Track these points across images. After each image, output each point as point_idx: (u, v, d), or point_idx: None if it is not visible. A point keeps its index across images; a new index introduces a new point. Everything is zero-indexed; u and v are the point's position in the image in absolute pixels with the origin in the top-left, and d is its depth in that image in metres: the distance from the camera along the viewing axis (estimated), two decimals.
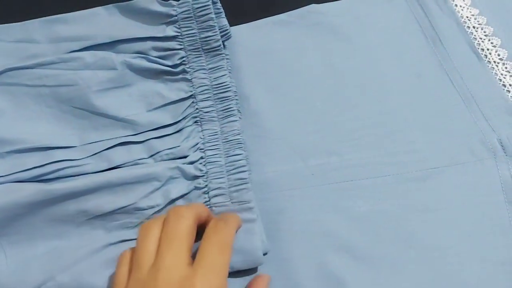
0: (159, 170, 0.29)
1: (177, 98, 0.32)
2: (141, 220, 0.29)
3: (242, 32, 0.38)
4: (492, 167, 0.33)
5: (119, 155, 0.30)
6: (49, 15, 0.34)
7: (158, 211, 0.29)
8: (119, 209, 0.29)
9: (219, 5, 0.34)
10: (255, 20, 0.38)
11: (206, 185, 0.30)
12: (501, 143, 0.34)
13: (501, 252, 0.30)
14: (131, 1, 0.33)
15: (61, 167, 0.29)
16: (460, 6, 0.39)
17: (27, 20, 0.34)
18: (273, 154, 0.33)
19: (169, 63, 0.32)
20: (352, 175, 0.33)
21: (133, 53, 0.32)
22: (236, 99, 0.33)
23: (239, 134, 0.32)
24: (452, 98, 0.36)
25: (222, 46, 0.33)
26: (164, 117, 0.32)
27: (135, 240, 0.27)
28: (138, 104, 0.32)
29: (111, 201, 0.29)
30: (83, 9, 0.34)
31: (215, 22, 0.33)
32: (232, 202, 0.30)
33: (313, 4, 0.39)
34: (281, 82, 0.36)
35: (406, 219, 0.31)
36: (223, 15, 0.34)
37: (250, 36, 0.38)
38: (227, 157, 0.31)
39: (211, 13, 0.33)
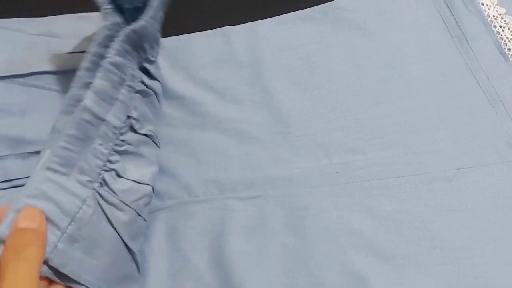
0: None
1: None
2: None
3: (266, 27, 0.37)
4: None
5: None
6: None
7: None
8: None
9: None
10: (278, 15, 0.38)
11: None
12: None
13: None
14: None
15: None
16: (487, 5, 0.39)
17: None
18: (297, 150, 0.33)
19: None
20: (377, 174, 0.32)
21: None
22: None
23: None
24: (477, 98, 0.35)
25: None
26: None
27: None
28: None
29: None
30: None
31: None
32: None
33: (337, 0, 0.38)
34: (305, 78, 0.35)
35: (431, 219, 0.31)
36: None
37: (274, 31, 0.37)
38: None
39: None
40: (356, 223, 0.31)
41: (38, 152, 0.28)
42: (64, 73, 0.31)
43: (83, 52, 0.31)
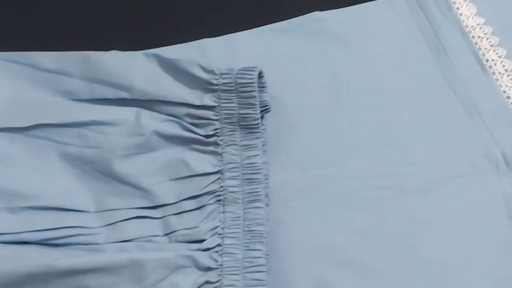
0: (170, 256, 0.27)
1: (203, 172, 0.30)
2: None
3: (242, 39, 0.37)
4: (494, 180, 0.32)
5: (134, 229, 0.29)
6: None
7: None
8: None
9: (264, 79, 0.32)
10: (257, 27, 0.38)
11: (219, 280, 0.28)
12: (504, 156, 0.33)
13: (501, 267, 0.30)
14: (172, 58, 0.31)
15: (72, 233, 0.28)
16: (465, 15, 0.39)
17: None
18: (272, 165, 0.33)
19: (202, 132, 0.31)
20: (352, 187, 0.32)
21: (167, 114, 0.31)
22: (266, 183, 0.31)
23: (262, 224, 0.29)
24: (455, 109, 0.35)
25: (260, 124, 0.31)
26: (186, 189, 0.30)
27: None
28: (161, 172, 0.30)
29: (115, 283, 0.27)
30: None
31: (256, 101, 0.31)
32: None
33: (315, 12, 0.38)
34: (281, 91, 0.35)
35: (406, 233, 0.31)
36: (266, 90, 0.33)
37: (250, 43, 0.37)
38: (246, 250, 0.29)
39: (254, 91, 0.31)
40: (331, 237, 0.31)
41: (31, 208, 0.28)
42: (69, 126, 0.30)
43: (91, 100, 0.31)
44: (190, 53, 0.37)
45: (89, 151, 0.30)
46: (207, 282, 0.28)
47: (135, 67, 0.31)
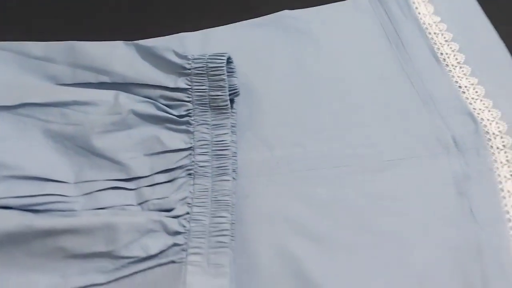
0: (141, 221, 0.30)
1: (175, 148, 0.33)
2: (116, 266, 0.29)
3: (219, 33, 0.41)
4: (445, 161, 0.35)
5: (109, 198, 0.31)
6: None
7: (136, 262, 0.29)
8: (96, 253, 0.29)
9: (233, 65, 0.36)
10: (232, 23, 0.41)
11: (186, 243, 0.30)
12: (454, 140, 0.36)
13: (450, 238, 0.32)
14: (150, 46, 0.34)
15: (51, 200, 0.30)
16: (423, 14, 0.42)
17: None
18: (241, 144, 0.35)
19: (175, 112, 0.34)
20: (314, 164, 0.35)
21: (143, 96, 0.34)
22: (234, 159, 0.34)
23: (228, 195, 0.32)
24: (411, 98, 0.38)
25: (229, 105, 0.34)
26: (159, 163, 0.32)
27: (106, 284, 0.28)
28: (136, 148, 0.33)
29: (90, 244, 0.29)
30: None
31: (226, 83, 0.34)
32: (208, 264, 0.30)
33: (286, 10, 0.42)
34: (253, 78, 0.38)
35: (363, 206, 0.33)
36: (236, 74, 0.36)
37: (226, 36, 0.40)
38: (212, 217, 0.31)
39: (223, 74, 0.34)
40: (293, 210, 0.33)
41: (12, 177, 0.30)
42: (52, 105, 0.33)
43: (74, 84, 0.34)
44: (169, 44, 0.39)
45: (70, 128, 0.32)
46: (175, 245, 0.30)
47: (115, 54, 0.34)
